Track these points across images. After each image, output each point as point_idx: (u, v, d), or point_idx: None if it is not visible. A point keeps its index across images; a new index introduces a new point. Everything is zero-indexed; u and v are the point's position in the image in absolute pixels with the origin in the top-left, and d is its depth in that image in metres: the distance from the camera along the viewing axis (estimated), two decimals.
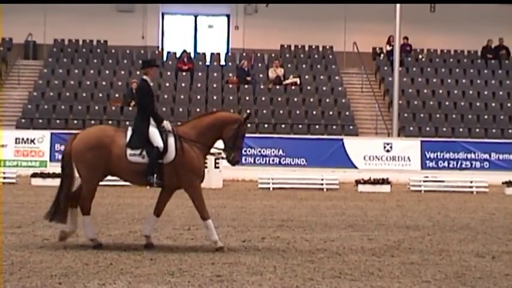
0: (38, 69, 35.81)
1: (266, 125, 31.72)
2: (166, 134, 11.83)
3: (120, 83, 34.26)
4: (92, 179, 11.86)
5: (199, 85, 34.65)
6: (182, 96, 33.55)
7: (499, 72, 36.75)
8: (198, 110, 32.41)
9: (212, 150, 12.32)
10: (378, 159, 29.46)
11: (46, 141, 29.17)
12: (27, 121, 31.27)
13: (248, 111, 15.73)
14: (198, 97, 33.52)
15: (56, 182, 24.49)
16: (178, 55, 36.60)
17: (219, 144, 12.15)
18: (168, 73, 35.42)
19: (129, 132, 11.90)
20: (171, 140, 11.77)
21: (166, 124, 11.97)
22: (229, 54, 38.04)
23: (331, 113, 32.76)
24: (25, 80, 35.22)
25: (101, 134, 11.90)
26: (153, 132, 11.80)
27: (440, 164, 29.82)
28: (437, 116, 33.27)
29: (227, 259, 10.82)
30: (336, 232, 14.10)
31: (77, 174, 12.14)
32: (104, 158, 11.67)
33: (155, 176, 11.65)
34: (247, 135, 12.65)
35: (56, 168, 26.89)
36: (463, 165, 29.88)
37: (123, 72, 35.23)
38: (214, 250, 11.50)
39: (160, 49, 38.31)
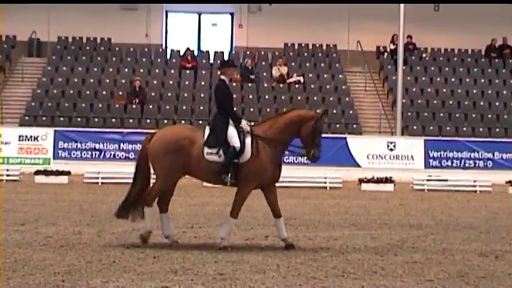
0: (42, 66, 35.83)
1: None
2: (243, 133, 11.84)
3: (123, 81, 34.27)
4: (167, 180, 11.93)
5: (202, 83, 34.65)
6: (186, 94, 33.56)
7: (502, 72, 36.71)
8: (201, 108, 32.46)
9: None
10: (381, 158, 29.45)
11: (49, 139, 29.21)
12: (31, 118, 31.29)
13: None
14: (202, 95, 33.53)
15: (59, 179, 24.80)
16: (182, 53, 36.61)
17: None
18: (172, 71, 35.43)
19: (207, 131, 11.89)
20: (248, 140, 11.80)
21: (244, 124, 11.96)
22: (233, 52, 38.03)
23: (334, 111, 32.74)
24: (29, 77, 35.24)
25: (178, 136, 11.86)
26: (232, 132, 11.79)
27: (444, 163, 29.81)
28: (441, 115, 33.24)
29: (230, 257, 10.82)
30: (339, 231, 14.09)
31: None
32: (182, 160, 11.69)
33: (229, 175, 11.68)
34: None
35: (59, 165, 27.06)
36: (467, 165, 29.86)
37: (126, 70, 35.23)
38: (218, 248, 11.49)
39: (164, 47, 38.32)
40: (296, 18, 37.45)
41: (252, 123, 12.39)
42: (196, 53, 37.28)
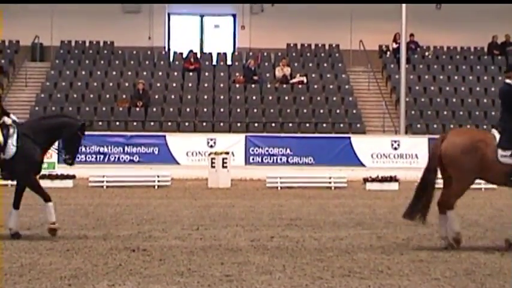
0: (45, 71, 35.88)
1: (273, 124, 31.73)
2: None
3: (127, 84, 34.30)
4: (465, 182, 12.05)
5: (206, 85, 34.66)
6: (189, 96, 33.58)
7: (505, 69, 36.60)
8: (205, 110, 32.47)
9: None
10: (386, 157, 29.45)
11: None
12: None
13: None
14: (205, 97, 33.54)
15: (64, 183, 24.76)
16: (184, 55, 36.63)
17: None
18: (175, 73, 35.45)
19: (496, 134, 12.03)
20: None
21: None
22: (236, 53, 38.04)
23: (338, 111, 32.75)
24: (32, 82, 35.29)
25: (474, 138, 12.02)
26: None
27: None
28: (445, 113, 33.23)
29: (236, 259, 10.82)
30: (344, 230, 14.09)
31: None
32: (477, 162, 11.82)
33: None
34: (254, 134, 12.72)
35: (64, 169, 26.97)
36: None
37: (130, 73, 35.27)
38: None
39: (166, 49, 38.35)
40: (298, 18, 37.45)
41: None
42: (199, 55, 37.30)
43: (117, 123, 31.46)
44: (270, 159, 29.43)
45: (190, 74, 35.27)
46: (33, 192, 13.06)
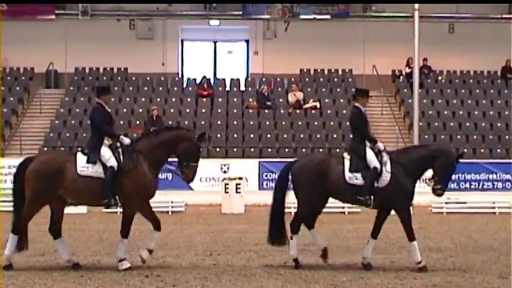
0: (60, 97, 36.07)
1: (287, 149, 31.71)
2: None
3: (140, 110, 34.44)
4: None
5: (219, 111, 34.75)
6: (203, 122, 33.68)
7: None
8: (218, 135, 32.54)
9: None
10: None
11: None
12: (50, 150, 31.41)
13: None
14: (219, 122, 33.63)
15: (77, 209, 24.75)
16: (198, 81, 36.77)
17: None
18: (189, 99, 35.57)
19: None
20: None
21: None
22: (249, 79, 38.15)
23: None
24: (47, 108, 35.47)
25: None
26: None
27: (462, 185, 29.68)
28: (458, 137, 33.16)
29: (249, 284, 10.83)
30: (358, 255, 14.06)
31: None
32: None
33: None
34: (267, 159, 12.79)
35: None
36: (485, 186, 29.73)
37: (143, 99, 35.42)
38: None
39: (180, 76, 38.51)
40: (311, 44, 37.51)
41: None
42: (212, 81, 37.43)
43: None
44: None
45: (204, 100, 35.39)
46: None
